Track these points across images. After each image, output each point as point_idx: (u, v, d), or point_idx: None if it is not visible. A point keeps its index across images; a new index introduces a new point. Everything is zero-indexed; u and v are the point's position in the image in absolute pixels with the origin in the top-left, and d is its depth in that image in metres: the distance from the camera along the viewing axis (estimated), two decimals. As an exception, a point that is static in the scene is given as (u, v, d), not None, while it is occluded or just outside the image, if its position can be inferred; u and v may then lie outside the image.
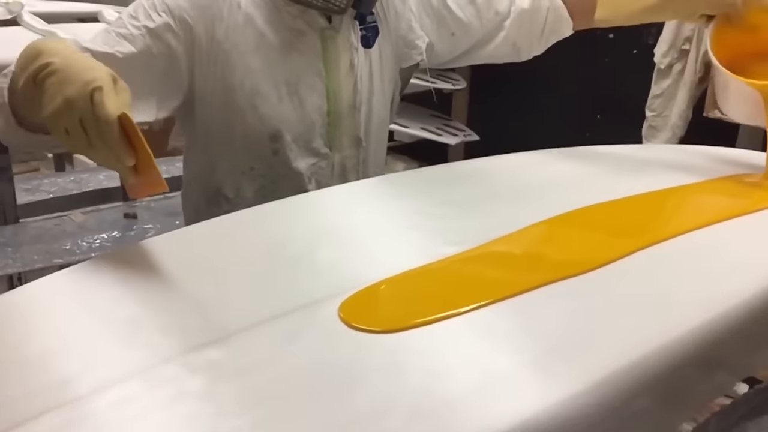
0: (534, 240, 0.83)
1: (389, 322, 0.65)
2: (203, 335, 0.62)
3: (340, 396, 0.54)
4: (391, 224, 0.88)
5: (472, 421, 0.52)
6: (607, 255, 0.77)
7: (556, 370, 0.58)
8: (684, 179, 1.08)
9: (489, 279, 0.73)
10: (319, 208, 0.93)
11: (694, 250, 0.82)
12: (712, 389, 0.79)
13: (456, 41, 1.23)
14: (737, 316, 0.70)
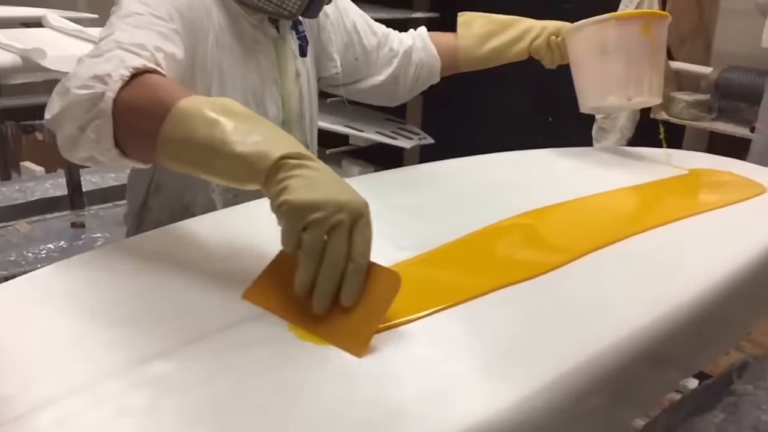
0: (484, 244, 0.84)
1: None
2: (149, 349, 0.61)
3: (289, 408, 0.54)
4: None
5: (423, 428, 0.52)
6: (557, 258, 0.78)
7: (505, 374, 0.58)
8: (632, 180, 1.10)
9: (439, 284, 0.74)
10: (269, 216, 0.92)
11: (640, 251, 0.83)
12: (662, 386, 0.80)
13: (357, 66, 1.27)
14: (682, 315, 0.71)
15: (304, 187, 0.63)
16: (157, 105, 0.71)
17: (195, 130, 0.68)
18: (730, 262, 0.82)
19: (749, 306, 0.93)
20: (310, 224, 0.62)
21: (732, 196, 1.05)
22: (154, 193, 1.10)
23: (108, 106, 0.73)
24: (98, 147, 0.75)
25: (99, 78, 0.74)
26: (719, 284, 0.78)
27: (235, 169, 0.67)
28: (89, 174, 2.37)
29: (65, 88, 0.76)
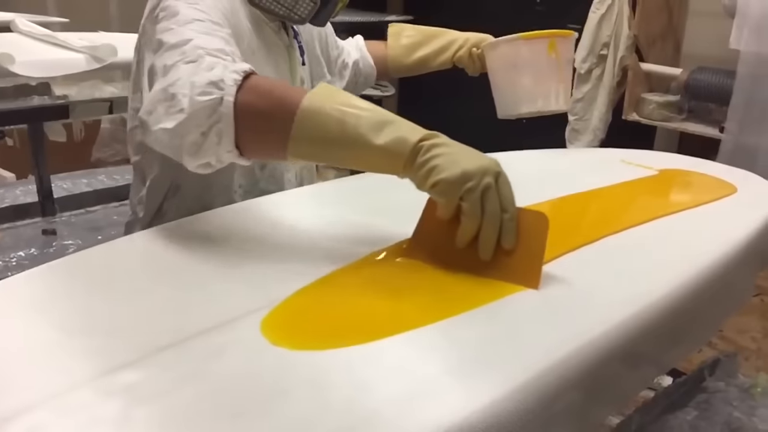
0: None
1: (313, 336, 0.65)
2: (119, 357, 0.60)
3: (262, 414, 0.53)
4: (316, 234, 0.87)
5: (397, 431, 0.52)
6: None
7: (477, 377, 0.58)
8: (603, 182, 1.11)
9: (415, 294, 0.73)
10: (242, 220, 0.92)
11: (612, 252, 0.84)
12: (635, 384, 0.81)
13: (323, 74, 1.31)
14: (654, 314, 0.72)
15: (449, 164, 0.72)
16: (280, 106, 0.76)
17: (327, 128, 0.75)
18: (701, 261, 0.83)
19: (720, 304, 0.94)
20: (466, 193, 0.72)
21: (703, 197, 1.07)
22: (171, 195, 1.09)
23: (229, 110, 0.76)
24: (219, 150, 0.78)
25: (214, 84, 0.77)
26: (691, 283, 0.79)
27: (373, 159, 0.76)
28: (60, 180, 2.34)
29: (170, 94, 0.78)
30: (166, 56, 0.84)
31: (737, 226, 0.94)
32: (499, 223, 0.73)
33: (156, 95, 0.80)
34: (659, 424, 1.10)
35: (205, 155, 0.79)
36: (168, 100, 0.78)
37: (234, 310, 0.67)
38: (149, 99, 0.81)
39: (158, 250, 0.82)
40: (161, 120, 0.78)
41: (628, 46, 2.37)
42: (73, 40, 1.79)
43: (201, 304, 0.69)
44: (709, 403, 1.16)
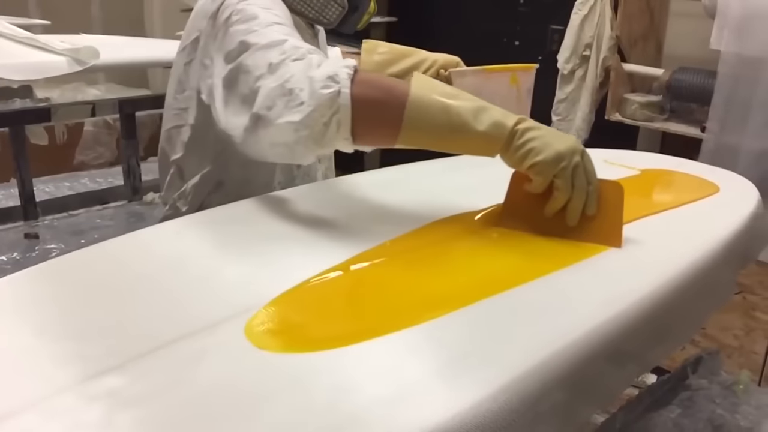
0: (444, 257, 0.84)
1: (297, 339, 0.65)
2: (102, 362, 0.60)
3: (245, 417, 0.53)
4: (299, 237, 0.87)
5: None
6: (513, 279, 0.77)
7: (462, 378, 0.59)
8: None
9: (399, 304, 0.73)
10: (224, 225, 0.91)
11: (596, 251, 0.84)
12: (619, 382, 0.81)
13: None
14: (638, 313, 0.73)
15: (544, 147, 0.82)
16: (390, 97, 0.84)
17: (434, 117, 0.83)
18: (684, 261, 0.83)
19: (703, 302, 0.95)
20: (560, 171, 0.82)
21: (686, 196, 1.08)
22: (214, 191, 1.11)
23: (347, 102, 0.82)
24: (337, 138, 0.85)
25: (331, 78, 0.83)
26: (674, 282, 0.79)
27: (475, 143, 0.85)
28: (42, 184, 2.33)
29: (288, 89, 0.84)
30: (259, 55, 0.89)
31: (720, 226, 0.95)
32: (585, 195, 0.84)
33: (272, 91, 0.85)
34: (643, 422, 1.10)
35: (327, 144, 0.85)
36: (286, 95, 0.84)
37: (218, 314, 0.67)
38: (265, 95, 0.85)
39: (141, 254, 0.82)
40: (284, 114, 0.83)
41: (610, 47, 2.38)
42: (54, 43, 1.78)
43: (184, 307, 0.69)
44: (692, 401, 1.17)
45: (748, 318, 2.12)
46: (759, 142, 2.00)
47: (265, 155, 0.92)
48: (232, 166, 1.09)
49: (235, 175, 1.10)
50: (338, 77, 0.83)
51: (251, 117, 0.87)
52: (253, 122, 0.87)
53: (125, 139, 2.24)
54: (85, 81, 4.04)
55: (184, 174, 1.13)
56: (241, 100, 0.91)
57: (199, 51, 1.04)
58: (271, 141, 0.86)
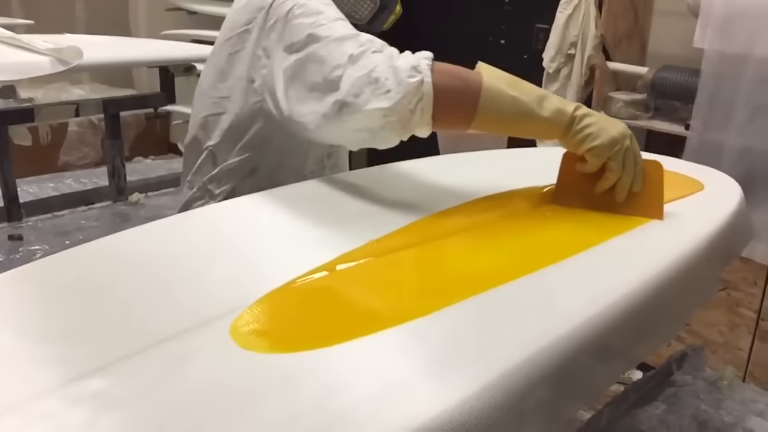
0: (429, 256, 0.84)
1: (283, 339, 0.64)
2: (85, 364, 0.59)
3: (232, 418, 0.53)
4: (283, 237, 0.87)
5: (368, 430, 0.52)
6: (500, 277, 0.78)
7: (447, 376, 0.59)
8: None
9: (387, 305, 0.73)
10: (210, 224, 0.91)
11: (578, 252, 0.85)
12: (603, 380, 0.82)
13: None
14: (621, 310, 0.73)
15: (600, 132, 0.93)
16: (467, 86, 0.93)
17: (505, 104, 0.92)
18: (669, 257, 0.84)
19: (687, 299, 0.95)
20: (614, 154, 0.93)
21: (670, 194, 1.08)
22: (248, 176, 1.14)
23: (429, 89, 0.90)
24: (420, 124, 0.92)
25: (414, 68, 0.90)
26: (658, 278, 0.80)
27: (540, 128, 0.95)
28: (26, 185, 2.30)
29: (374, 78, 0.91)
30: (334, 47, 0.96)
31: (704, 223, 0.96)
32: (633, 174, 0.95)
33: (358, 80, 0.92)
34: (629, 419, 1.11)
35: (410, 129, 0.92)
36: (372, 83, 0.91)
37: (203, 315, 0.67)
38: (351, 83, 0.92)
39: (125, 255, 0.81)
40: (371, 101, 0.90)
41: (595, 46, 2.39)
42: (37, 42, 1.76)
43: (168, 308, 0.69)
44: (677, 397, 1.18)
45: (733, 314, 2.14)
46: (742, 139, 2.02)
47: (345, 139, 0.99)
48: (268, 153, 1.12)
49: (270, 162, 1.13)
50: (420, 67, 0.90)
51: (335, 104, 0.93)
52: (337, 108, 0.93)
53: (110, 140, 2.22)
54: (69, 81, 4.01)
55: (217, 159, 1.16)
56: (309, 88, 0.97)
57: (251, 42, 1.08)
58: (356, 126, 0.93)
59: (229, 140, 1.13)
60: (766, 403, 1.21)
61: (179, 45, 2.46)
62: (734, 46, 2.01)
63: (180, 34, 3.47)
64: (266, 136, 1.10)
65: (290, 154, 1.14)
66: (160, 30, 3.58)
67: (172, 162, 2.90)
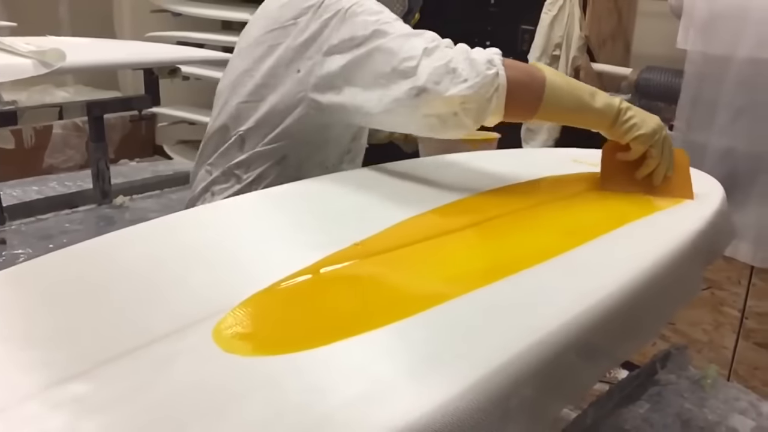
0: (412, 258, 0.84)
1: (266, 342, 0.64)
2: (67, 368, 0.59)
3: (214, 420, 0.53)
4: (267, 239, 0.87)
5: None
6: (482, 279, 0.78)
7: (430, 378, 0.59)
8: (558, 180, 1.12)
9: (371, 306, 0.73)
10: (191, 227, 0.91)
11: (561, 253, 0.85)
12: (586, 380, 0.82)
13: None
14: (604, 310, 0.73)
15: (642, 123, 1.06)
16: (533, 80, 1.03)
17: (564, 96, 1.03)
18: (651, 257, 0.84)
19: (670, 298, 0.96)
20: (655, 142, 1.06)
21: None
22: (276, 164, 1.19)
23: (503, 81, 1.00)
24: (493, 113, 1.01)
25: (489, 62, 1.00)
26: (641, 278, 0.80)
27: (592, 119, 1.06)
28: (9, 188, 2.28)
29: (452, 68, 0.99)
30: (402, 41, 1.04)
31: (686, 223, 0.96)
32: (669, 160, 1.08)
33: (438, 69, 1.00)
34: (614, 418, 1.12)
35: (483, 118, 1.02)
36: (450, 73, 0.99)
37: (185, 318, 0.66)
38: (431, 72, 1.00)
39: (108, 258, 0.81)
40: (450, 88, 0.99)
41: (579, 47, 2.41)
42: (19, 45, 1.75)
43: (151, 312, 0.68)
44: (661, 396, 1.19)
45: (717, 313, 2.15)
46: (725, 139, 2.04)
47: (412, 124, 1.05)
48: (299, 143, 1.18)
49: (299, 152, 1.18)
50: (494, 61, 1.00)
51: (411, 89, 1.00)
52: (414, 94, 1.00)
53: (93, 142, 2.20)
54: (53, 83, 3.99)
55: (245, 145, 1.20)
56: (375, 76, 1.05)
57: (299, 35, 1.13)
58: (430, 112, 1.01)
59: (262, 126, 1.18)
60: (749, 402, 1.22)
61: (163, 47, 2.45)
62: (717, 47, 2.02)
63: (165, 36, 3.46)
64: (301, 126, 1.15)
65: (317, 146, 1.19)
66: (145, 32, 3.56)
67: (157, 164, 2.88)
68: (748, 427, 1.15)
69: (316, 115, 1.14)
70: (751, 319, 2.09)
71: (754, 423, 1.15)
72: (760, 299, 2.06)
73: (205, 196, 1.23)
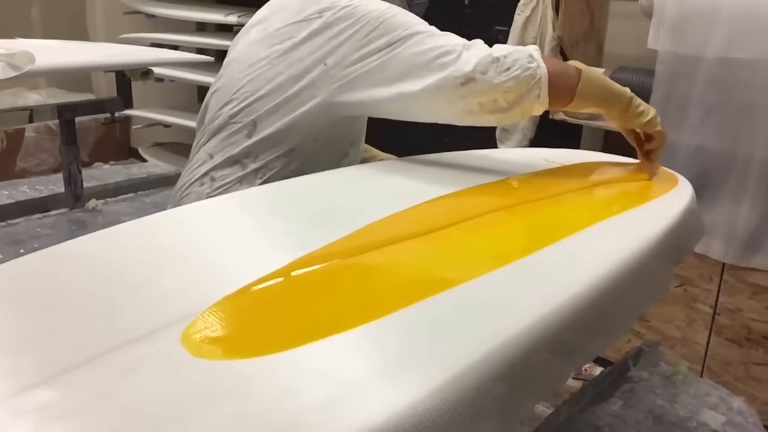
0: (382, 259, 0.84)
1: (236, 345, 0.64)
2: (32, 375, 0.58)
3: (181, 427, 0.53)
4: (236, 242, 0.86)
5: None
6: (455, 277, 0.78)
7: (400, 379, 0.59)
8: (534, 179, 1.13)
9: (341, 305, 0.73)
10: (160, 230, 0.90)
11: (529, 254, 0.86)
12: (556, 377, 0.83)
13: None
14: (572, 309, 0.74)
15: (648, 108, 1.21)
16: (567, 71, 1.15)
17: (595, 86, 1.16)
18: (620, 255, 0.85)
19: (640, 295, 0.97)
20: (660, 123, 1.21)
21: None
22: (283, 156, 1.19)
23: (545, 73, 1.10)
24: (541, 102, 1.12)
25: (530, 56, 1.11)
26: (609, 277, 0.81)
27: (616, 106, 1.18)
28: (-22, 193, 2.25)
29: (494, 57, 1.10)
30: (438, 38, 1.13)
31: (654, 221, 0.98)
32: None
33: (484, 59, 1.09)
34: (587, 415, 1.13)
35: (526, 108, 1.12)
36: (495, 62, 1.09)
37: (154, 323, 0.66)
38: (478, 63, 1.09)
39: (77, 263, 0.80)
40: (496, 77, 1.09)
41: (552, 48, 2.42)
42: (-13, 47, 1.73)
43: (120, 317, 0.68)
44: (633, 392, 1.20)
45: (690, 309, 2.18)
46: (696, 138, 2.07)
47: (450, 113, 1.14)
48: (307, 139, 1.19)
49: (304, 146, 1.19)
50: (534, 56, 1.11)
51: (457, 78, 1.08)
52: (460, 83, 1.08)
53: (65, 145, 2.18)
54: (25, 86, 3.94)
55: (255, 131, 1.20)
56: (410, 68, 1.11)
57: (329, 30, 1.17)
58: (472, 100, 1.10)
59: (277, 114, 1.18)
60: (719, 397, 1.23)
61: (135, 49, 2.43)
62: (687, 47, 2.05)
63: (139, 38, 3.43)
64: (313, 119, 1.17)
65: (322, 145, 1.21)
66: (119, 34, 3.53)
67: (131, 168, 2.86)
68: (719, 421, 1.16)
69: (332, 109, 1.16)
70: (722, 315, 2.12)
71: (725, 418, 1.17)
72: (731, 296, 2.09)
73: (204, 180, 1.22)
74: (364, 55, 1.14)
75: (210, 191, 1.20)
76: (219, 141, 1.23)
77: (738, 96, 1.98)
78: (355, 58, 1.14)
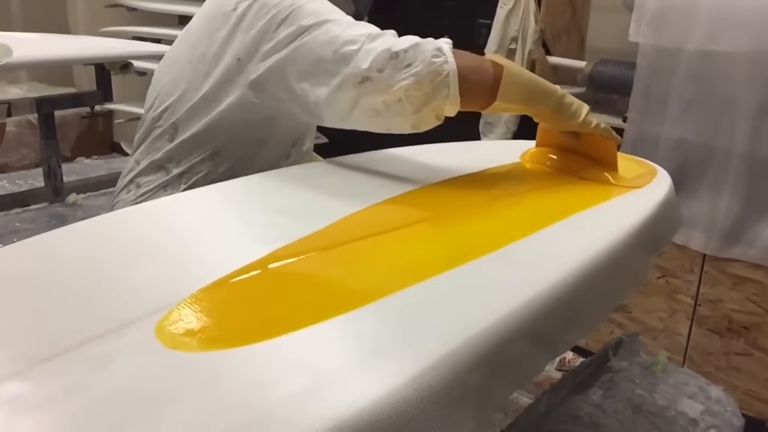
0: (359, 251, 0.84)
1: (211, 337, 0.64)
2: (3, 368, 0.58)
3: (151, 421, 0.52)
4: (215, 234, 0.86)
5: (292, 427, 0.52)
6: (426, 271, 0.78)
7: (374, 370, 0.59)
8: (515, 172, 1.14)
9: (318, 296, 0.73)
10: (136, 222, 0.89)
11: (507, 244, 0.86)
12: (532, 367, 0.83)
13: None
14: (548, 299, 0.74)
15: (580, 106, 1.09)
16: (484, 68, 1.02)
17: (520, 85, 1.04)
18: (596, 246, 0.86)
19: (616, 286, 0.98)
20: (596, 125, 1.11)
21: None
22: (207, 159, 1.15)
23: (454, 68, 0.98)
24: (447, 99, 0.99)
25: (438, 49, 0.98)
26: (586, 267, 0.81)
27: (546, 106, 1.07)
28: (-47, 188, 2.23)
29: (394, 53, 0.97)
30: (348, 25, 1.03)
31: (631, 212, 0.98)
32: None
33: (381, 55, 0.97)
34: (567, 405, 1.13)
35: (435, 107, 0.99)
36: (394, 58, 0.97)
37: (128, 315, 0.65)
38: (374, 59, 0.97)
39: (50, 256, 0.79)
40: (393, 75, 0.97)
41: (535, 41, 2.43)
42: (-36, 41, 1.70)
43: (94, 309, 0.67)
44: (613, 382, 1.21)
45: (671, 300, 2.20)
46: (676, 130, 2.08)
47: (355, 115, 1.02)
48: (233, 141, 1.14)
49: (233, 151, 1.14)
50: (443, 50, 0.98)
51: (354, 76, 0.98)
52: (357, 82, 0.98)
53: (44, 139, 2.16)
54: (5, 80, 3.90)
55: (176, 134, 1.16)
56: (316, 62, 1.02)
57: (242, 21, 1.09)
58: (373, 99, 0.99)
59: (195, 114, 1.13)
60: (698, 386, 1.25)
61: (115, 42, 2.41)
62: (667, 40, 2.06)
63: (120, 31, 3.40)
64: (235, 118, 1.11)
65: (254, 147, 1.15)
66: (100, 27, 3.50)
67: (112, 162, 2.83)
68: (698, 410, 1.17)
69: (251, 107, 1.10)
70: (703, 306, 2.13)
71: (703, 407, 1.18)
72: (712, 286, 2.11)
73: (130, 187, 1.19)
74: (274, 46, 1.06)
75: (135, 198, 1.16)
76: (145, 147, 1.20)
77: (718, 89, 1.99)
78: (266, 51, 1.07)
